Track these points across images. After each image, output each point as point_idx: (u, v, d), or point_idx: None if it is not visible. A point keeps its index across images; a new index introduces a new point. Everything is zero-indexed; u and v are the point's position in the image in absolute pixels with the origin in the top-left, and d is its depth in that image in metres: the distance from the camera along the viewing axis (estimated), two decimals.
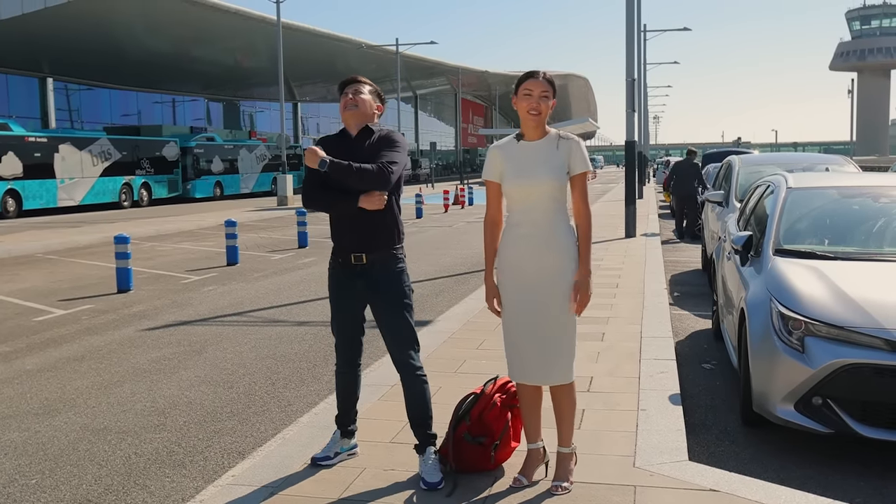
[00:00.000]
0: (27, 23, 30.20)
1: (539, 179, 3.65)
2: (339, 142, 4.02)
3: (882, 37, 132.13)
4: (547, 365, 3.73)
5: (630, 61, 17.73)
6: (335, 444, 4.20)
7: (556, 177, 3.65)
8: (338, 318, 4.11)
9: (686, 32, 58.45)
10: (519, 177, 3.69)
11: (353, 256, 3.97)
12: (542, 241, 3.69)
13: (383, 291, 3.98)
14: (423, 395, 4.04)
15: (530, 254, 3.70)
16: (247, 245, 16.73)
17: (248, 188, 40.71)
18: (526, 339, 3.74)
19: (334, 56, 48.60)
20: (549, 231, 3.68)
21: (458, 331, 7.34)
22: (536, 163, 3.67)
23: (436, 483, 3.84)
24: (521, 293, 3.73)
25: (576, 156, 3.69)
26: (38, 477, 4.51)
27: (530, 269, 3.70)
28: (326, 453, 4.16)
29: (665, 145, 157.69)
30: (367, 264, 3.96)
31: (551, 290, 3.69)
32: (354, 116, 4.00)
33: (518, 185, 3.69)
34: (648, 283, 9.73)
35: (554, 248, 3.68)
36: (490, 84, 78.69)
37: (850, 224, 6.01)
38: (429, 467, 3.92)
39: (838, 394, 4.36)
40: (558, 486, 3.74)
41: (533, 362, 3.75)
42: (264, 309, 9.61)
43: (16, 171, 27.01)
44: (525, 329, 3.74)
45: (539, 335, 3.72)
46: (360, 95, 4.01)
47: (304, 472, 4.05)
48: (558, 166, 3.66)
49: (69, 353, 7.53)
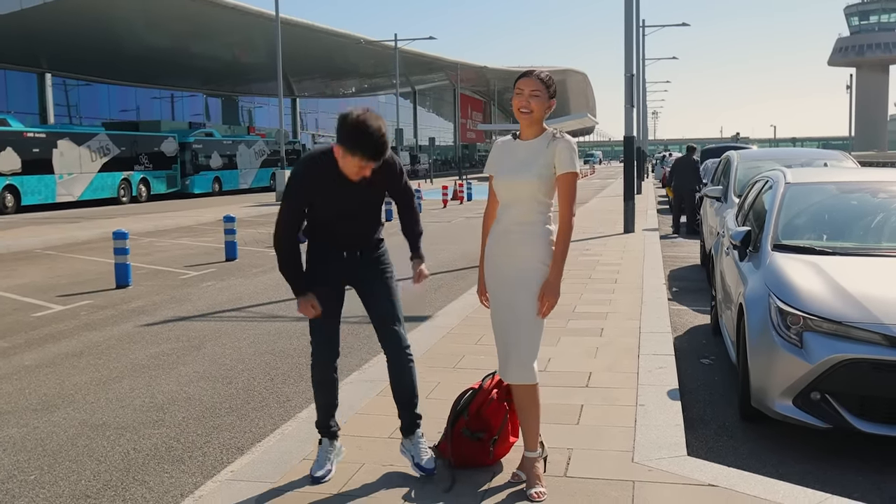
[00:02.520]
0: (26, 18, 30.12)
1: (523, 178, 3.64)
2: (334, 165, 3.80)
3: (881, 32, 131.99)
4: (507, 361, 3.71)
5: (629, 57, 17.71)
6: (327, 453, 4.03)
7: (539, 176, 3.62)
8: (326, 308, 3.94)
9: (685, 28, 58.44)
10: (506, 174, 3.70)
11: (346, 252, 3.99)
12: (518, 239, 3.68)
13: (373, 275, 3.99)
14: (410, 372, 4.00)
15: (506, 251, 3.72)
16: (245, 241, 16.72)
17: (247, 184, 40.66)
18: (497, 335, 3.79)
19: (333, 51, 48.52)
20: (526, 230, 3.67)
21: (456, 326, 7.34)
22: (524, 162, 3.67)
23: (432, 469, 3.86)
24: (496, 288, 3.78)
25: (561, 156, 3.60)
26: (37, 473, 4.51)
27: (504, 265, 3.73)
28: (323, 466, 3.95)
29: (664, 140, 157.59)
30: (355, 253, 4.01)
31: (519, 288, 3.68)
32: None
33: (504, 182, 3.71)
34: (647, 279, 9.73)
35: (528, 247, 3.67)
36: (489, 79, 78.59)
37: (848, 219, 6.01)
38: (421, 450, 3.93)
39: (836, 389, 4.36)
40: (535, 493, 3.65)
41: (499, 355, 3.79)
42: (263, 304, 9.61)
43: (14, 167, 26.99)
44: (496, 323, 3.80)
45: (503, 331, 3.74)
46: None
47: (303, 468, 4.05)
48: (544, 166, 3.63)
49: (68, 348, 7.52)
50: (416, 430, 4.01)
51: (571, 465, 4.00)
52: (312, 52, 46.82)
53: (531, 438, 3.77)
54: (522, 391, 3.73)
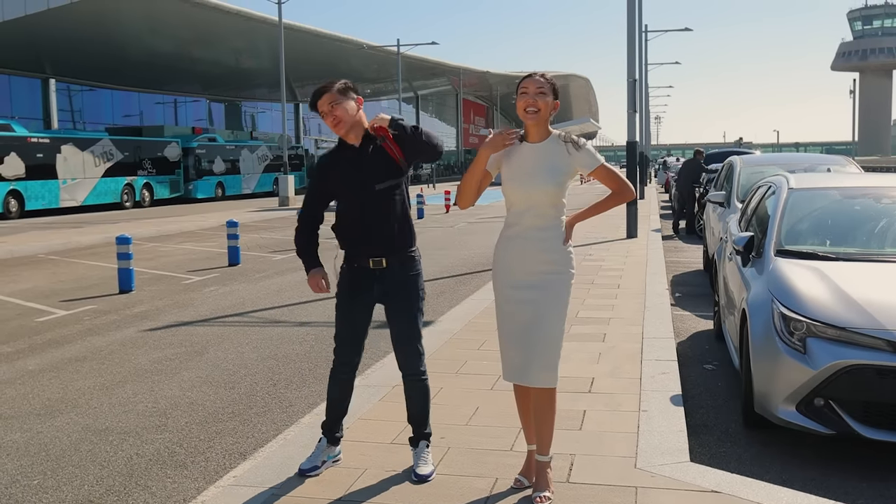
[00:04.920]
0: (30, 24, 30.22)
1: (542, 187, 3.59)
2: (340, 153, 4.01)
3: (884, 37, 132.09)
4: (530, 366, 3.68)
5: (631, 62, 17.73)
6: (321, 454, 4.10)
7: (557, 182, 3.60)
8: (347, 323, 4.05)
9: (687, 33, 58.51)
10: (519, 180, 3.63)
11: (372, 261, 3.95)
12: (540, 247, 3.65)
13: (400, 297, 3.97)
14: (424, 397, 4.08)
15: (522, 256, 3.68)
16: (248, 246, 16.74)
17: (250, 189, 40.72)
18: (514, 339, 3.72)
19: (336, 57, 48.58)
20: (547, 235, 3.64)
21: (459, 331, 7.34)
22: (538, 167, 3.61)
23: (426, 475, 3.89)
24: (512, 294, 3.71)
25: (586, 159, 3.65)
26: (40, 478, 4.51)
27: (521, 270, 3.68)
28: (314, 463, 4.06)
29: (667, 145, 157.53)
30: (386, 268, 3.95)
31: (541, 293, 3.65)
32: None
33: (517, 188, 3.64)
34: (650, 284, 9.72)
35: (550, 253, 3.66)
36: (491, 84, 78.66)
37: (851, 225, 6.00)
38: (421, 460, 3.98)
39: (840, 395, 4.35)
40: (539, 497, 3.65)
41: (518, 363, 3.71)
42: (266, 309, 9.61)
43: (18, 172, 27.05)
44: (513, 330, 3.72)
45: (525, 337, 3.67)
46: (340, 107, 3.87)
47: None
48: (564, 174, 3.63)
49: (71, 353, 7.53)
50: (420, 443, 4.05)
51: (574, 471, 4.00)
52: (315, 58, 46.88)
53: (546, 443, 3.77)
54: (543, 395, 3.73)
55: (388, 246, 3.94)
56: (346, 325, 4.06)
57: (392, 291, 3.96)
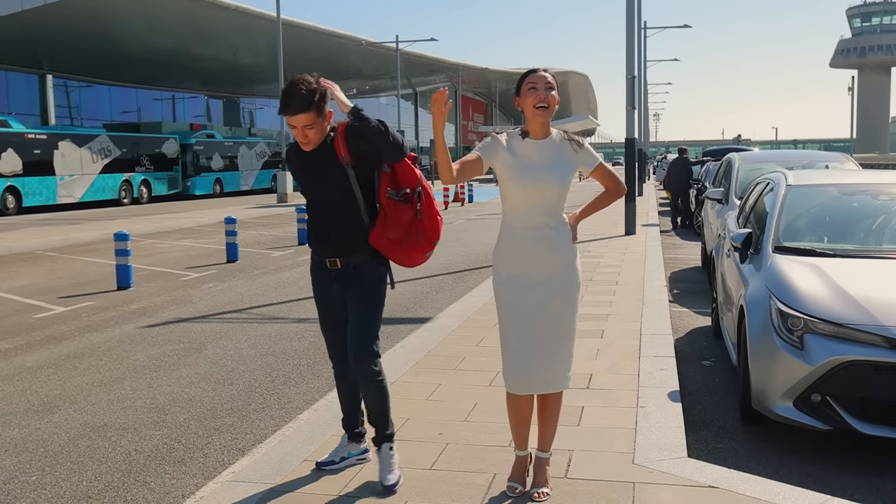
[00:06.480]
0: (27, 19, 30.14)
1: (546, 181, 3.55)
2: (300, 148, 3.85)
3: (882, 34, 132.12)
4: (548, 372, 3.63)
5: (630, 58, 17.73)
6: (342, 449, 4.08)
7: (562, 180, 3.59)
8: (324, 320, 4.03)
9: (686, 30, 58.46)
10: (525, 176, 3.56)
11: (328, 261, 3.86)
12: (544, 244, 3.60)
13: (357, 299, 3.83)
14: (382, 397, 3.88)
15: (530, 257, 3.60)
16: (247, 242, 16.73)
17: (248, 185, 40.67)
18: (527, 346, 3.60)
19: (334, 53, 48.53)
20: (551, 234, 3.60)
21: (457, 328, 7.34)
22: (546, 163, 3.57)
23: (394, 485, 3.77)
24: (522, 298, 3.60)
25: (587, 158, 3.69)
26: (39, 474, 4.52)
27: (530, 272, 3.60)
28: (332, 458, 4.04)
29: (665, 142, 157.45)
30: (341, 269, 3.84)
31: (552, 294, 3.60)
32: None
33: (523, 184, 3.56)
34: (648, 281, 9.74)
35: (561, 251, 3.62)
36: (490, 81, 78.59)
37: (849, 221, 6.01)
38: (386, 468, 3.81)
39: (837, 391, 4.37)
40: (538, 493, 3.65)
41: (533, 370, 3.61)
42: (264, 306, 9.62)
43: (15, 168, 27.00)
44: (526, 335, 3.60)
45: (539, 341, 3.60)
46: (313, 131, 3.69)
47: (304, 469, 4.06)
48: (570, 171, 3.63)
49: (69, 350, 7.53)
50: (383, 445, 3.89)
51: (572, 467, 4.01)
52: (314, 54, 46.82)
53: (549, 440, 3.79)
54: (557, 397, 3.77)
55: (342, 246, 3.81)
56: (322, 322, 4.05)
57: (348, 291, 3.84)
